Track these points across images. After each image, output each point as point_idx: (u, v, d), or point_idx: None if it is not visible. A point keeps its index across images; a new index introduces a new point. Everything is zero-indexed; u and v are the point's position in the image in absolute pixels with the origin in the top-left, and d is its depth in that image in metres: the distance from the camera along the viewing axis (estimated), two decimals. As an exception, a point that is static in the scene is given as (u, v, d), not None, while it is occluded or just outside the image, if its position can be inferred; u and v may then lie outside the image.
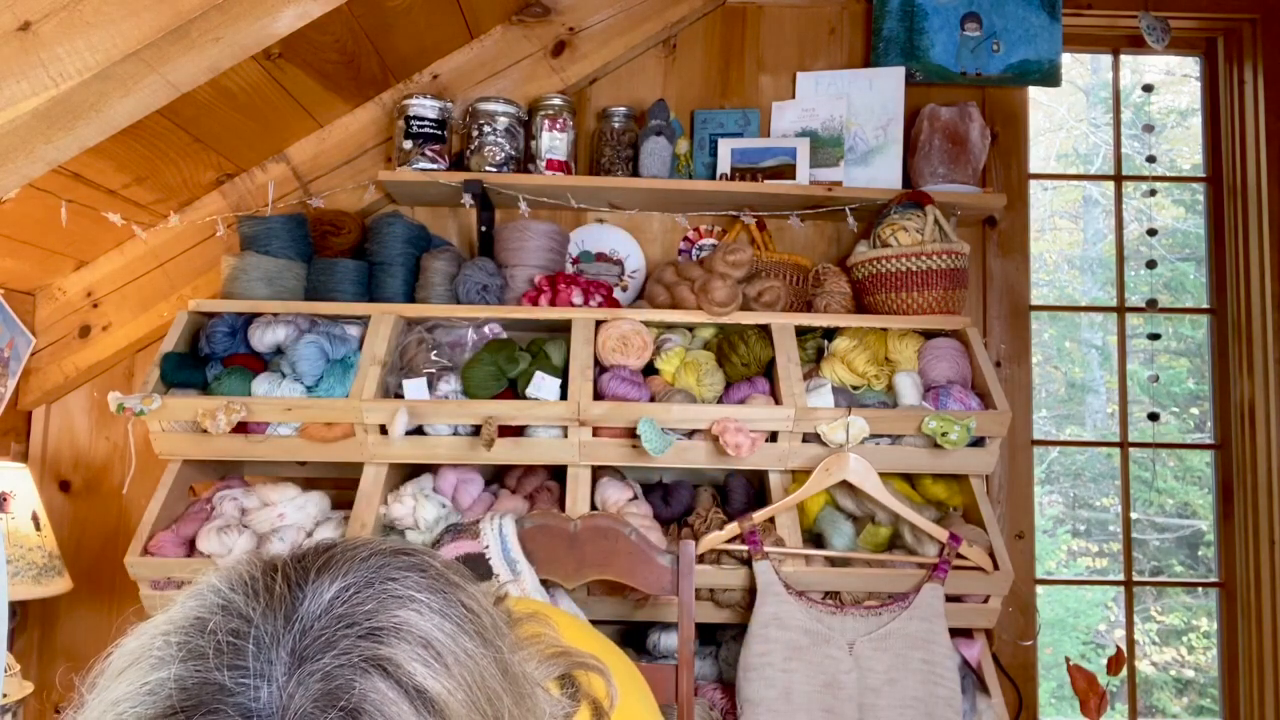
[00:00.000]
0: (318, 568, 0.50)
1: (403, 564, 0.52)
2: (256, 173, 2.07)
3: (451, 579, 0.53)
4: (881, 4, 2.21)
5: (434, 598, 0.50)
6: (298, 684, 0.44)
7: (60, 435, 2.09)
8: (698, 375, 1.80)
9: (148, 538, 1.69)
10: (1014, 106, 2.23)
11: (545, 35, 2.14)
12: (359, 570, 0.50)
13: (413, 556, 0.53)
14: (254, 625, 0.46)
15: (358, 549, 0.53)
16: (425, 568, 0.53)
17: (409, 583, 0.50)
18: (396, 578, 0.51)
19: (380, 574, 0.50)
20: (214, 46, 1.19)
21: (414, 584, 0.51)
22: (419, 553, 0.54)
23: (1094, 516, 5.55)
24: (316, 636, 0.46)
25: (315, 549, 0.53)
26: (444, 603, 0.50)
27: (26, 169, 1.23)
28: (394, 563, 0.52)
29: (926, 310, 1.88)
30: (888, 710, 1.56)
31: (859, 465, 1.67)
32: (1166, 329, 5.06)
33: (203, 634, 0.46)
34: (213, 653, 0.45)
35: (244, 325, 1.86)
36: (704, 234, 2.17)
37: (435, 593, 0.51)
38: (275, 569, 0.50)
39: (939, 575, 1.62)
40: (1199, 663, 4.98)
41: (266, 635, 0.46)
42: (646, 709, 0.78)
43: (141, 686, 0.45)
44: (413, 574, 0.51)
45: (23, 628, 2.03)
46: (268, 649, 0.45)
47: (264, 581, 0.49)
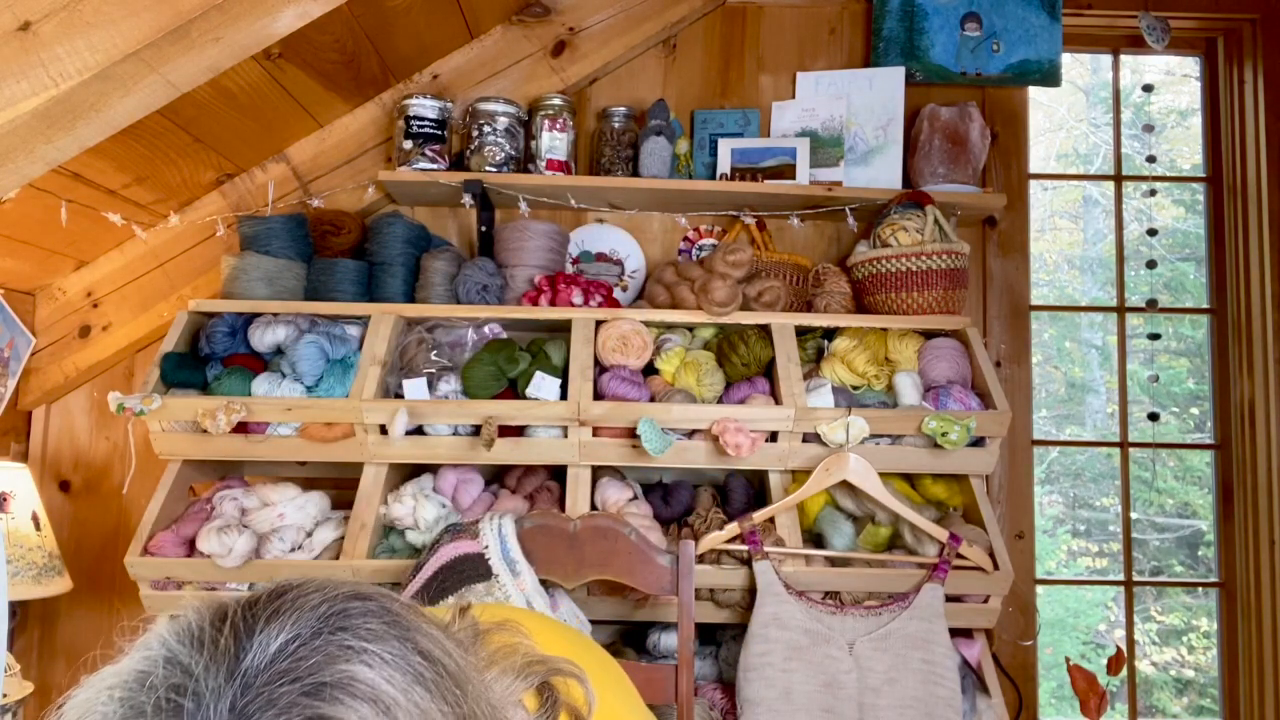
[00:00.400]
0: (266, 616, 0.49)
1: (355, 610, 0.51)
2: (256, 173, 2.07)
3: (408, 622, 0.52)
4: (881, 4, 2.21)
5: (387, 647, 0.49)
6: None
7: (60, 435, 2.09)
8: (698, 375, 1.80)
9: (148, 538, 1.69)
10: (1014, 106, 2.23)
11: (545, 35, 2.14)
12: (307, 619, 0.49)
13: (368, 601, 0.52)
14: (195, 679, 0.46)
15: (309, 595, 0.51)
16: (380, 613, 0.51)
17: (361, 632, 0.49)
18: (347, 626, 0.49)
19: (329, 623, 0.49)
20: (214, 46, 1.19)
21: (366, 633, 0.49)
22: (375, 597, 0.53)
23: (1094, 516, 5.55)
24: (258, 693, 0.45)
25: (269, 594, 0.52)
26: (399, 651, 0.49)
27: (26, 169, 1.23)
28: (347, 609, 0.51)
29: (926, 310, 1.88)
30: (888, 710, 1.56)
31: (859, 465, 1.67)
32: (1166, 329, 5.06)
33: (143, 689, 0.46)
34: (151, 710, 0.45)
35: (244, 325, 1.86)
36: (704, 234, 2.17)
37: (389, 640, 0.50)
38: (224, 618, 0.49)
39: (939, 575, 1.62)
40: (1199, 663, 4.98)
41: (207, 691, 0.45)
42: (626, 707, 0.77)
43: None
44: (366, 620, 0.50)
45: (23, 628, 2.03)
46: (208, 706, 0.45)
47: (210, 633, 0.48)
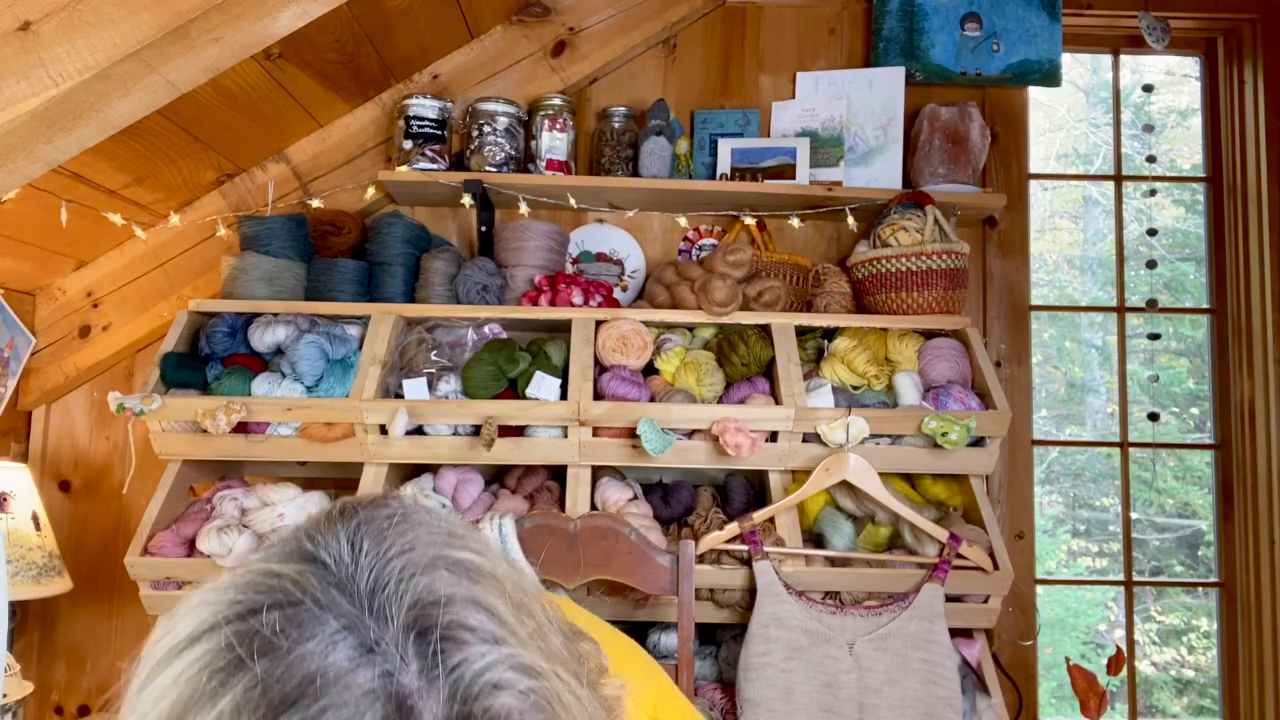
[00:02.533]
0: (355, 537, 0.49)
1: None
2: (256, 173, 2.07)
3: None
4: (881, 4, 2.21)
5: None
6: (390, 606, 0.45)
7: (60, 435, 2.09)
8: (698, 375, 1.80)
9: (148, 538, 1.69)
10: (1014, 106, 2.23)
11: (545, 35, 2.14)
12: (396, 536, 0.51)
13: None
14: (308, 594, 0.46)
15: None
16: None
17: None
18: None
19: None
20: (214, 46, 1.19)
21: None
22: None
23: (1094, 516, 5.55)
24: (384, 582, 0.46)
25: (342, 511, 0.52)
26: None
27: (26, 169, 1.23)
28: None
29: (926, 310, 1.88)
30: (888, 710, 1.56)
31: (859, 465, 1.67)
32: (1166, 329, 5.05)
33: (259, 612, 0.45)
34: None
35: (244, 325, 1.86)
36: (704, 234, 2.17)
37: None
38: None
39: (939, 575, 1.62)
40: (1199, 663, 4.98)
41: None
42: (655, 685, 0.78)
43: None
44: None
45: (23, 628, 2.03)
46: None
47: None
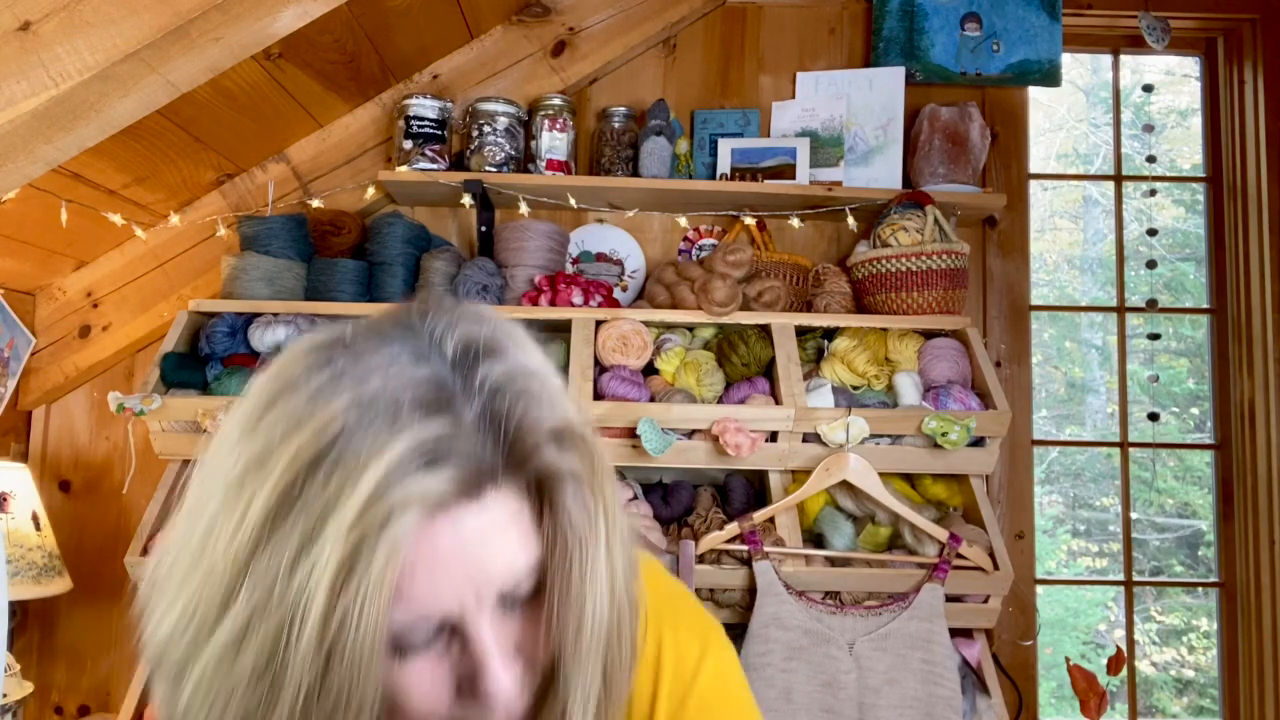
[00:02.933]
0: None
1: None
2: (256, 173, 2.07)
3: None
4: (881, 4, 2.21)
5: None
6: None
7: (60, 435, 2.09)
8: (698, 375, 1.80)
9: (147, 538, 1.69)
10: (1014, 106, 2.23)
11: (545, 35, 2.14)
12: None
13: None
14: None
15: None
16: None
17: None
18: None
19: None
20: (214, 46, 1.19)
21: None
22: None
23: (1094, 516, 5.55)
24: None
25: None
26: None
27: (26, 169, 1.23)
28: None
29: (926, 310, 1.88)
30: (888, 710, 1.56)
31: (859, 465, 1.67)
32: (1166, 329, 5.05)
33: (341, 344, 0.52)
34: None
35: (244, 325, 1.86)
36: (704, 234, 2.17)
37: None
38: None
39: (939, 575, 1.62)
40: (1199, 663, 4.98)
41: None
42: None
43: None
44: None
45: (23, 628, 2.03)
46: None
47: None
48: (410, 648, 0.50)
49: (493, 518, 0.50)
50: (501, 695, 0.50)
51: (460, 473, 0.48)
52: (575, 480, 0.52)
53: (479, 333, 0.53)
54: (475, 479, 0.49)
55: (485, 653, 0.50)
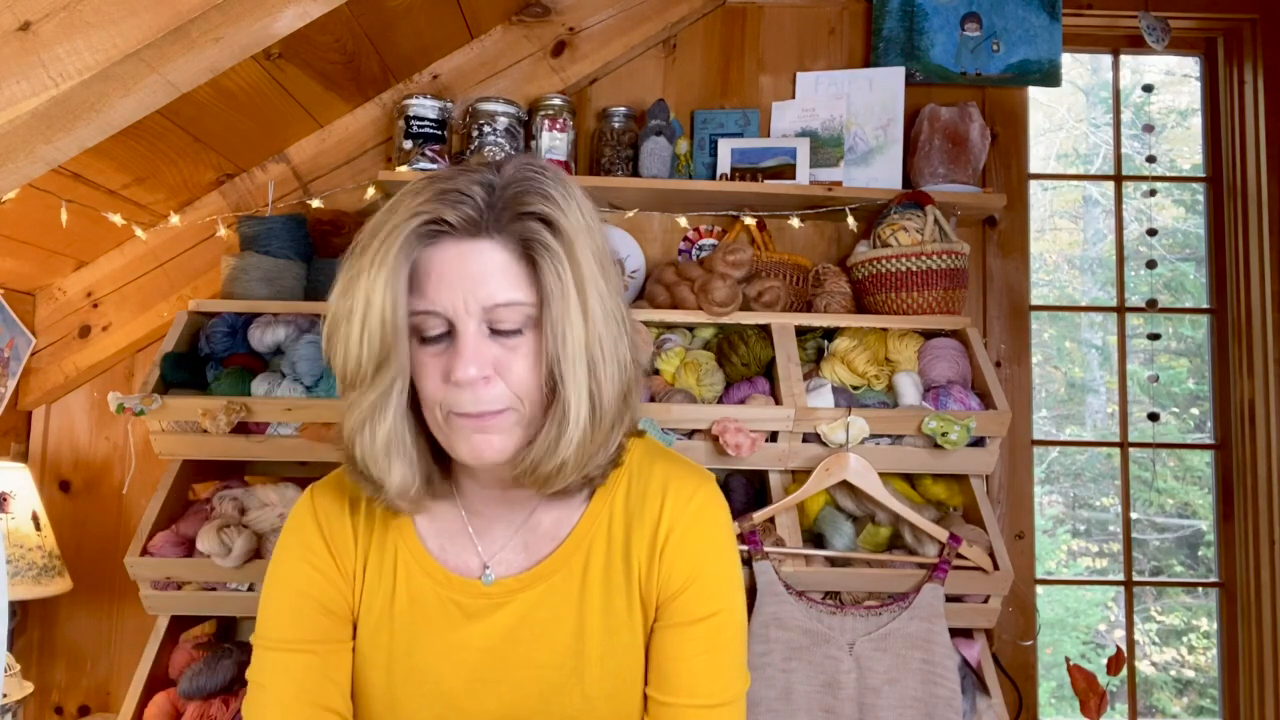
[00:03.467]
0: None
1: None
2: (256, 173, 2.07)
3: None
4: (881, 4, 2.21)
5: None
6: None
7: (60, 435, 2.09)
8: (698, 375, 1.80)
9: (147, 538, 1.69)
10: (1014, 106, 2.23)
11: (545, 35, 2.14)
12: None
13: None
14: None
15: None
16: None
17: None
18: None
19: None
20: (214, 46, 1.19)
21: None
22: None
23: (1094, 516, 5.55)
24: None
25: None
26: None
27: (26, 169, 1.23)
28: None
29: (926, 310, 1.88)
30: (888, 710, 1.56)
31: (859, 465, 1.67)
32: (1166, 329, 5.05)
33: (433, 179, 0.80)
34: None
35: (244, 325, 1.86)
36: (704, 234, 2.17)
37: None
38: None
39: (939, 575, 1.62)
40: (1199, 663, 4.98)
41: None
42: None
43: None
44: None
45: (23, 628, 2.03)
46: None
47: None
48: (425, 337, 0.78)
49: (485, 256, 0.75)
50: (464, 378, 0.75)
51: (463, 217, 0.75)
52: (549, 251, 0.75)
53: (536, 165, 0.79)
54: (475, 225, 0.75)
55: (463, 346, 0.75)
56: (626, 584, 0.87)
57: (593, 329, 0.76)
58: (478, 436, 0.78)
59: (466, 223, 0.75)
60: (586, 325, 0.76)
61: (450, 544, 0.90)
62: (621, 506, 0.89)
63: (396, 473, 0.81)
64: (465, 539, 0.90)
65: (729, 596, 0.89)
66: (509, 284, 0.76)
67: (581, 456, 0.79)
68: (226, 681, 1.69)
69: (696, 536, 0.88)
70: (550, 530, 0.89)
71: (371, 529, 0.90)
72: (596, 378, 0.77)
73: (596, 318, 0.77)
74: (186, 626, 1.86)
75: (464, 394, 0.76)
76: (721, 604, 0.88)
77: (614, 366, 0.79)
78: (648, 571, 0.87)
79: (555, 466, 0.78)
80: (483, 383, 0.76)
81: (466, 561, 0.89)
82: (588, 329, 0.76)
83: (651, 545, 0.87)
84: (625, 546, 0.88)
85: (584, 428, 0.77)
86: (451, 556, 0.89)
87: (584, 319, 0.76)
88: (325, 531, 0.89)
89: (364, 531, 0.89)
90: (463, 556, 0.89)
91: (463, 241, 0.76)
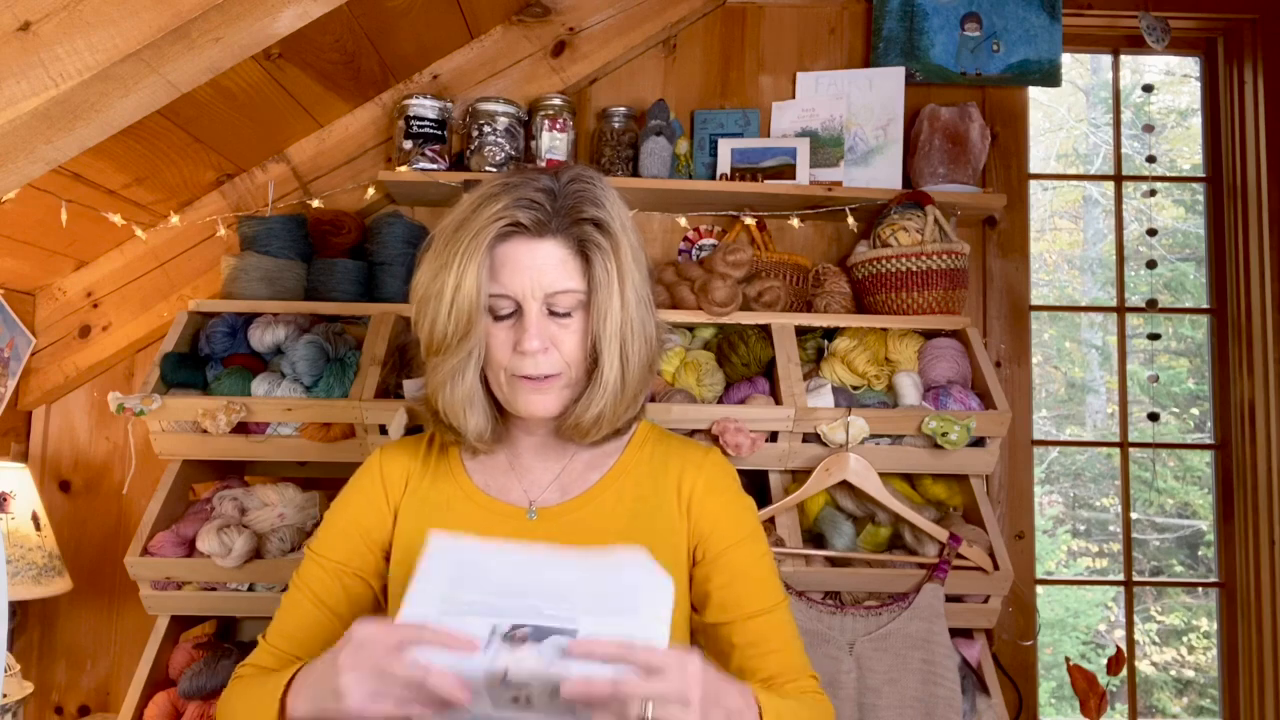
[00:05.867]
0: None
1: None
2: (256, 173, 2.07)
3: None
4: (881, 4, 2.21)
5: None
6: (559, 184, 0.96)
7: (60, 435, 2.09)
8: (698, 375, 1.80)
9: (147, 538, 1.69)
10: (1014, 106, 2.23)
11: (545, 35, 2.14)
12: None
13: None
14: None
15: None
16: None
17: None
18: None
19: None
20: (214, 46, 1.19)
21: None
22: None
23: (1094, 516, 5.55)
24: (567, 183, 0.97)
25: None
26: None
27: (26, 169, 1.23)
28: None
29: (926, 310, 1.88)
30: (888, 710, 1.56)
31: (859, 465, 1.67)
32: (1166, 329, 5.06)
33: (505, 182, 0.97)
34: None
35: (244, 325, 1.86)
36: (704, 234, 2.17)
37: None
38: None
39: (939, 575, 1.62)
40: (1199, 663, 4.98)
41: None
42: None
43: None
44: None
45: (23, 628, 2.03)
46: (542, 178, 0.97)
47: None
48: (498, 315, 0.95)
49: (548, 251, 0.93)
50: (529, 349, 0.93)
51: (533, 219, 0.92)
52: (601, 250, 0.93)
53: (588, 176, 0.97)
54: (541, 226, 0.93)
55: (529, 323, 0.93)
56: (652, 528, 1.03)
57: (628, 313, 0.94)
58: (535, 395, 0.96)
59: (535, 225, 0.93)
60: (624, 310, 0.94)
61: (495, 482, 1.07)
62: (647, 464, 1.07)
63: (473, 421, 1.00)
64: (512, 479, 1.07)
65: (751, 526, 1.07)
66: (566, 275, 0.93)
67: (615, 413, 0.97)
68: (226, 681, 1.68)
69: (715, 488, 1.06)
70: (584, 475, 1.06)
71: (425, 474, 1.08)
72: (625, 352, 0.95)
73: (631, 304, 0.94)
74: (186, 626, 1.86)
75: (526, 361, 0.94)
76: (744, 533, 1.05)
77: (641, 342, 0.97)
78: (677, 527, 1.04)
79: (592, 420, 0.97)
80: (542, 353, 0.94)
81: (511, 497, 1.06)
82: (624, 313, 0.94)
83: (677, 504, 1.04)
84: (654, 497, 1.05)
85: (615, 390, 0.95)
86: (496, 491, 1.06)
87: (621, 305, 0.94)
88: (384, 472, 1.09)
89: (417, 476, 1.08)
90: (508, 493, 1.06)
91: (531, 240, 0.93)
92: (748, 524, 1.06)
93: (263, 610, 1.75)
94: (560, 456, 1.07)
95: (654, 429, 1.13)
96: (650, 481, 1.06)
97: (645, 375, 0.99)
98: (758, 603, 1.02)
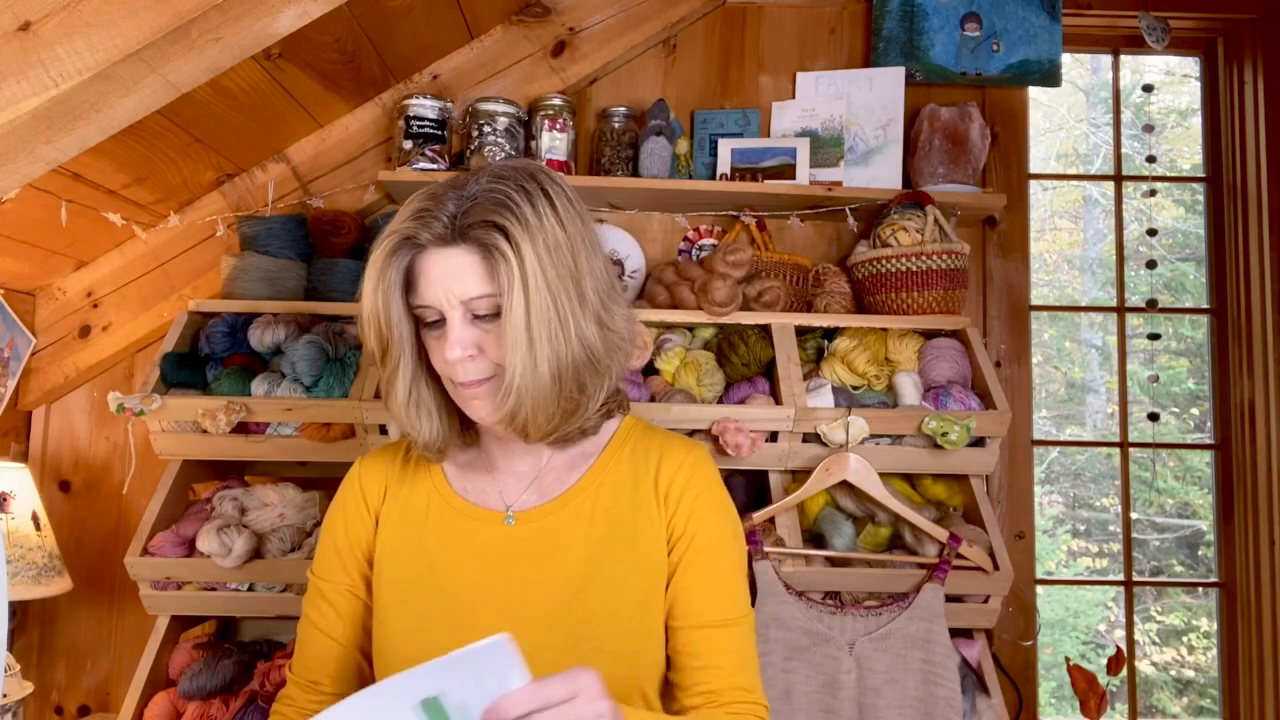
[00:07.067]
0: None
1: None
2: (256, 173, 2.07)
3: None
4: (881, 4, 2.21)
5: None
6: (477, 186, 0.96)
7: (60, 435, 2.09)
8: (698, 375, 1.80)
9: (147, 538, 1.70)
10: (1014, 106, 2.23)
11: (545, 35, 2.14)
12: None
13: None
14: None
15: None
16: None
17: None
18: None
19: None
20: (214, 46, 1.19)
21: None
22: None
23: (1094, 516, 5.55)
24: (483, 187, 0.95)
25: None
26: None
27: (26, 169, 1.23)
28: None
29: (926, 310, 1.88)
30: (888, 710, 1.56)
31: (859, 465, 1.67)
32: (1166, 329, 5.06)
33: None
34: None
35: (244, 325, 1.86)
36: (704, 234, 2.17)
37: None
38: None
39: (939, 575, 1.62)
40: (1199, 663, 4.98)
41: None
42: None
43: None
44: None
45: (23, 628, 2.03)
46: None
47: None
48: (427, 323, 0.96)
49: (457, 260, 0.92)
50: (451, 358, 0.93)
51: (435, 233, 0.92)
52: (499, 252, 0.90)
53: (506, 174, 0.95)
54: (446, 236, 0.92)
55: (449, 331, 0.93)
56: (633, 527, 1.02)
57: (535, 311, 0.91)
58: (474, 401, 0.97)
59: (437, 238, 0.93)
60: (529, 311, 0.91)
61: (473, 487, 1.07)
62: (628, 461, 1.06)
63: (424, 426, 1.01)
64: (488, 482, 1.07)
65: (723, 532, 1.04)
66: (478, 280, 0.93)
67: (550, 410, 0.94)
68: (226, 681, 1.69)
69: (694, 485, 1.04)
70: (562, 476, 1.06)
71: (404, 481, 1.10)
72: (537, 353, 0.91)
73: (540, 303, 0.91)
74: (186, 626, 1.86)
75: (456, 368, 0.95)
76: (714, 537, 1.03)
77: (563, 340, 0.93)
78: (655, 521, 1.03)
79: (524, 419, 0.94)
80: (469, 359, 0.94)
81: (489, 502, 1.06)
82: (529, 313, 0.91)
83: (655, 497, 1.04)
84: (633, 495, 1.03)
85: (531, 390, 0.92)
86: (475, 496, 1.06)
87: (526, 305, 0.90)
88: (362, 483, 1.11)
89: (396, 482, 1.10)
90: (486, 498, 1.06)
91: (441, 249, 0.93)
92: (719, 529, 1.03)
93: (263, 610, 1.75)
94: (534, 459, 1.07)
95: (639, 424, 1.11)
96: (631, 478, 1.04)
97: (583, 371, 0.95)
98: (712, 614, 1.00)
